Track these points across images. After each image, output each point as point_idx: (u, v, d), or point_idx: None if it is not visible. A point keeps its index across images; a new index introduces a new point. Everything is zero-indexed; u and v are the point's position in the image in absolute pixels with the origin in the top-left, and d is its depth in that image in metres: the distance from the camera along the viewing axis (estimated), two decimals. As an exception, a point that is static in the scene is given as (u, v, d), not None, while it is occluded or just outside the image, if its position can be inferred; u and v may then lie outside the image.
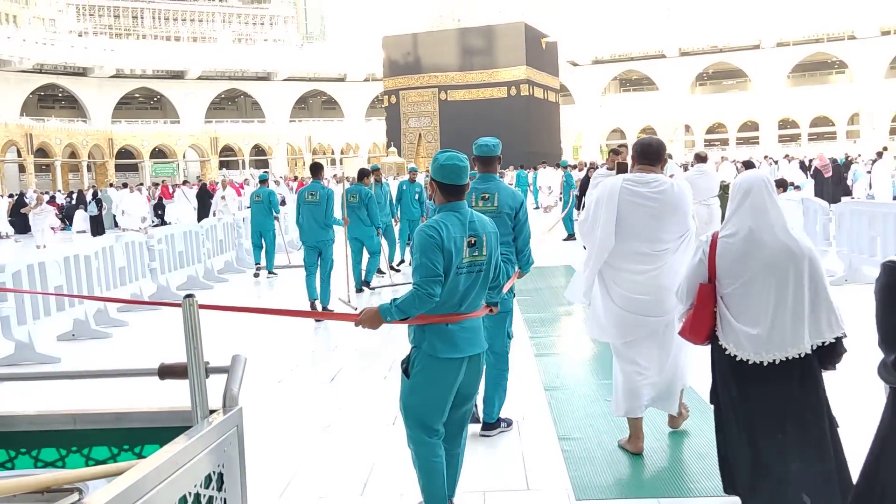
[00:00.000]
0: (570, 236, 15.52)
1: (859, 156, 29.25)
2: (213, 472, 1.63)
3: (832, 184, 21.56)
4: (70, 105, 63.16)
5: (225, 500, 1.67)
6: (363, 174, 10.29)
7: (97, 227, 23.64)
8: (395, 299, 3.06)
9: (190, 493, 1.51)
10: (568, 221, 15.69)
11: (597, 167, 11.94)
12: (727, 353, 3.15)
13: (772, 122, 57.31)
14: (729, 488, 3.38)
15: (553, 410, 5.02)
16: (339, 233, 9.34)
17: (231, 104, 71.73)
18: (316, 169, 9.39)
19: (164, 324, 8.84)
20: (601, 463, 4.12)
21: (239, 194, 25.65)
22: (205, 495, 1.58)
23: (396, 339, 7.26)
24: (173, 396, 2.17)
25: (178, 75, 64.77)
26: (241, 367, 1.83)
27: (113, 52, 61.17)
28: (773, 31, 59.65)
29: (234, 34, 76.91)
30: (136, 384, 5.77)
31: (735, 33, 61.02)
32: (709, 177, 9.85)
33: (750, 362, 3.08)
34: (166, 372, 1.86)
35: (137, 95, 66.78)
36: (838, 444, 3.14)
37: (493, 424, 4.63)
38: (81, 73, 60.86)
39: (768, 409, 3.09)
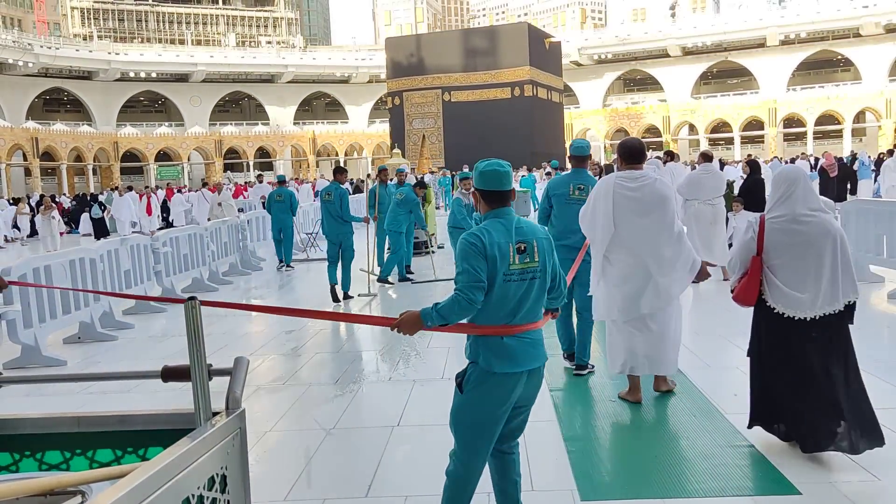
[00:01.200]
0: None
1: (864, 152, 29.18)
2: (217, 475, 1.63)
3: (837, 182, 21.53)
4: (75, 109, 63.38)
5: (228, 501, 1.67)
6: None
7: (100, 229, 23.81)
8: (436, 304, 2.94)
9: (193, 496, 1.51)
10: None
11: (613, 169, 11.60)
12: (776, 311, 3.98)
13: (777, 120, 57.17)
14: (756, 422, 4.19)
15: (558, 411, 5.01)
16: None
17: (235, 107, 71.91)
18: (338, 172, 10.34)
19: (169, 326, 8.87)
20: (606, 464, 4.11)
21: (238, 196, 25.79)
22: (208, 497, 1.58)
23: (402, 340, 7.27)
24: (180, 397, 2.17)
25: (182, 78, 64.98)
26: (244, 370, 1.84)
27: (118, 55, 61.38)
28: (777, 30, 59.51)
29: (239, 37, 77.18)
30: (143, 385, 5.80)
31: (739, 32, 60.89)
32: (715, 176, 9.80)
33: (796, 318, 3.92)
34: (169, 374, 1.86)
35: (142, 99, 67.02)
36: (860, 381, 3.94)
37: (584, 366, 5.78)
38: (86, 76, 61.11)
39: (807, 354, 3.92)
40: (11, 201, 30.77)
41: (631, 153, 4.88)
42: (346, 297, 9.93)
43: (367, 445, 4.57)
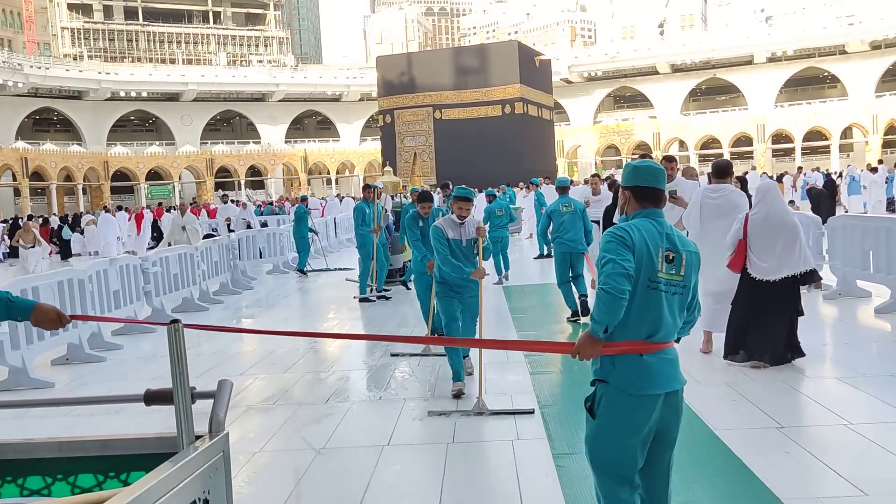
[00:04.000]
0: (541, 255, 15.32)
1: (855, 167, 29.40)
2: (199, 499, 1.63)
3: (829, 198, 21.63)
4: (65, 128, 63.29)
5: (211, 526, 1.67)
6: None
7: (66, 251, 24.73)
8: (591, 313, 2.73)
9: (174, 520, 1.51)
10: (541, 239, 14.20)
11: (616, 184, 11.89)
12: (752, 276, 6.11)
13: (765, 136, 57.64)
14: (729, 354, 6.27)
15: (548, 427, 5.01)
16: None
17: (226, 125, 71.96)
18: (365, 189, 11.93)
19: (158, 347, 8.81)
20: (595, 481, 4.10)
21: (214, 217, 25.88)
22: (190, 522, 1.57)
23: (392, 359, 7.26)
24: (169, 418, 2.17)
25: (173, 97, 65.02)
26: (228, 392, 1.84)
27: (108, 75, 61.39)
28: (764, 47, 60.12)
29: (229, 56, 77.35)
30: (131, 407, 5.76)
31: (727, 49, 61.50)
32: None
33: (764, 281, 6.05)
34: (152, 398, 1.86)
35: (133, 118, 66.99)
36: (796, 321, 6.14)
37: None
38: (76, 96, 61.07)
39: (768, 302, 6.05)
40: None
41: (717, 171, 6.84)
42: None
43: (357, 465, 4.55)
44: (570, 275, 8.76)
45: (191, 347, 8.24)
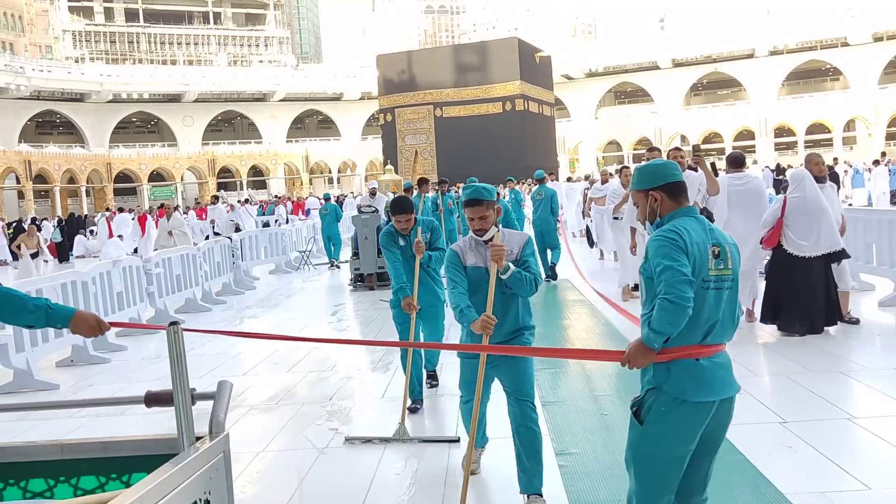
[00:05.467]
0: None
1: (846, 162, 29.39)
2: (200, 499, 1.63)
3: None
4: (68, 131, 63.45)
5: (211, 526, 1.68)
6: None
7: (62, 253, 24.71)
8: (649, 322, 2.55)
9: (175, 521, 1.51)
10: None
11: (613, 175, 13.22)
12: (789, 252, 6.91)
13: (767, 130, 57.52)
14: (765, 319, 7.15)
15: (550, 425, 5.01)
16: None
17: (228, 126, 72.06)
18: (420, 183, 13.16)
19: (162, 348, 8.83)
20: (598, 478, 4.11)
21: (201, 218, 25.83)
22: (191, 522, 1.58)
23: (395, 356, 7.27)
24: (172, 419, 2.18)
25: (174, 99, 65.13)
26: (227, 393, 1.84)
27: (110, 77, 61.52)
28: (766, 40, 59.98)
29: (230, 56, 77.40)
30: (134, 407, 5.78)
31: (728, 43, 61.37)
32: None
33: (800, 256, 6.85)
34: (152, 400, 1.87)
35: (135, 120, 67.14)
36: (835, 294, 7.00)
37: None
38: (79, 98, 61.21)
39: (803, 278, 6.84)
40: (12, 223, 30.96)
41: (734, 162, 7.58)
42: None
43: (360, 464, 4.56)
44: (544, 245, 11.50)
45: (193, 348, 8.28)
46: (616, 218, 9.90)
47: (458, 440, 4.79)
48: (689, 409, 2.55)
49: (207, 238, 19.88)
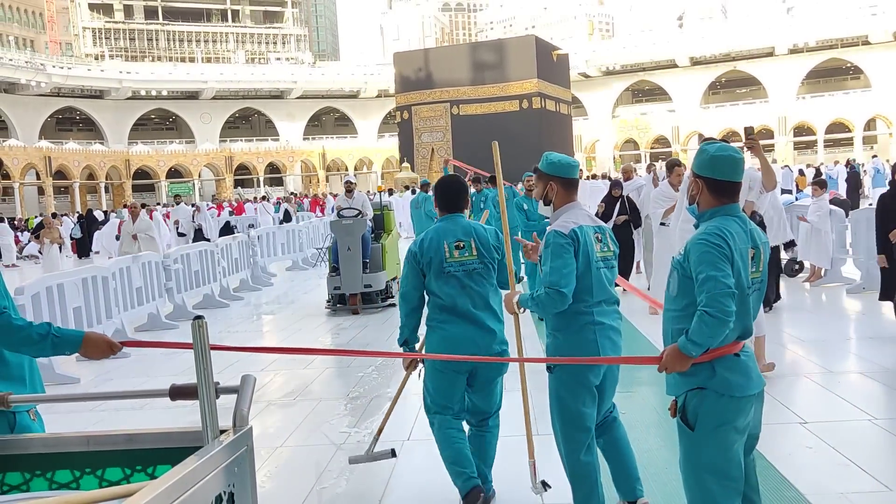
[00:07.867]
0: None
1: (879, 159, 29.09)
2: (224, 492, 1.65)
3: (851, 190, 21.47)
4: (87, 127, 64.03)
5: (235, 519, 1.69)
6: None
7: (82, 248, 24.83)
8: (688, 331, 2.49)
9: (200, 514, 1.53)
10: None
11: (620, 183, 11.20)
12: None
13: (787, 129, 57.00)
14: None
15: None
16: None
17: (245, 123, 72.41)
18: (475, 181, 13.11)
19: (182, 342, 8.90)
20: (608, 477, 4.09)
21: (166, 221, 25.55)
22: (215, 515, 1.60)
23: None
24: (193, 412, 2.19)
25: (192, 96, 65.52)
26: (251, 387, 1.85)
27: (129, 74, 62.03)
28: (786, 38, 59.41)
29: (248, 54, 77.79)
30: (155, 401, 5.83)
31: (748, 41, 60.84)
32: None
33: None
34: (177, 393, 1.89)
35: (153, 116, 67.63)
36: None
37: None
38: (98, 95, 61.74)
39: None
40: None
41: None
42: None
43: (378, 462, 4.56)
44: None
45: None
46: (663, 224, 8.41)
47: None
48: (737, 405, 2.53)
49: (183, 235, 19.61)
